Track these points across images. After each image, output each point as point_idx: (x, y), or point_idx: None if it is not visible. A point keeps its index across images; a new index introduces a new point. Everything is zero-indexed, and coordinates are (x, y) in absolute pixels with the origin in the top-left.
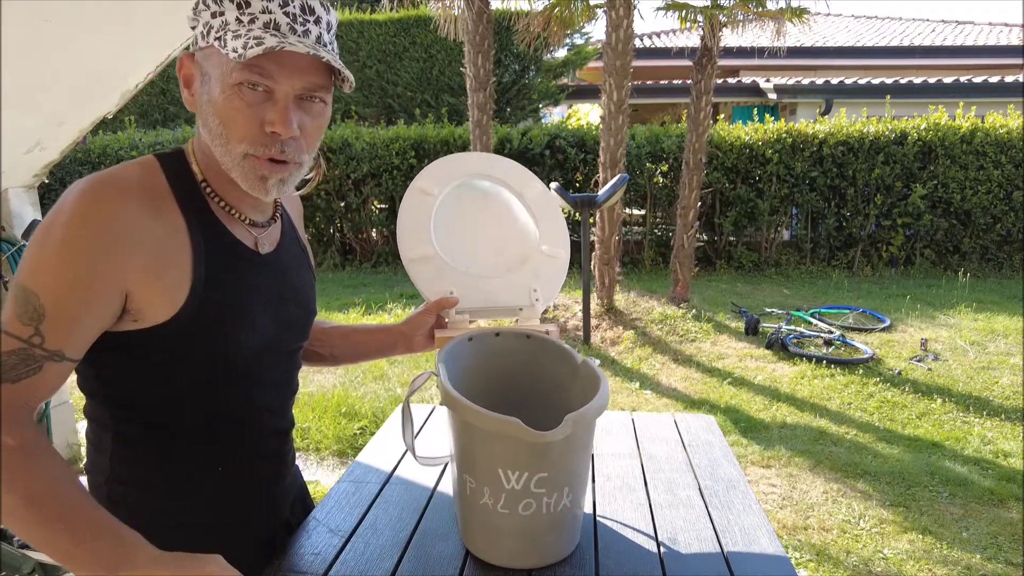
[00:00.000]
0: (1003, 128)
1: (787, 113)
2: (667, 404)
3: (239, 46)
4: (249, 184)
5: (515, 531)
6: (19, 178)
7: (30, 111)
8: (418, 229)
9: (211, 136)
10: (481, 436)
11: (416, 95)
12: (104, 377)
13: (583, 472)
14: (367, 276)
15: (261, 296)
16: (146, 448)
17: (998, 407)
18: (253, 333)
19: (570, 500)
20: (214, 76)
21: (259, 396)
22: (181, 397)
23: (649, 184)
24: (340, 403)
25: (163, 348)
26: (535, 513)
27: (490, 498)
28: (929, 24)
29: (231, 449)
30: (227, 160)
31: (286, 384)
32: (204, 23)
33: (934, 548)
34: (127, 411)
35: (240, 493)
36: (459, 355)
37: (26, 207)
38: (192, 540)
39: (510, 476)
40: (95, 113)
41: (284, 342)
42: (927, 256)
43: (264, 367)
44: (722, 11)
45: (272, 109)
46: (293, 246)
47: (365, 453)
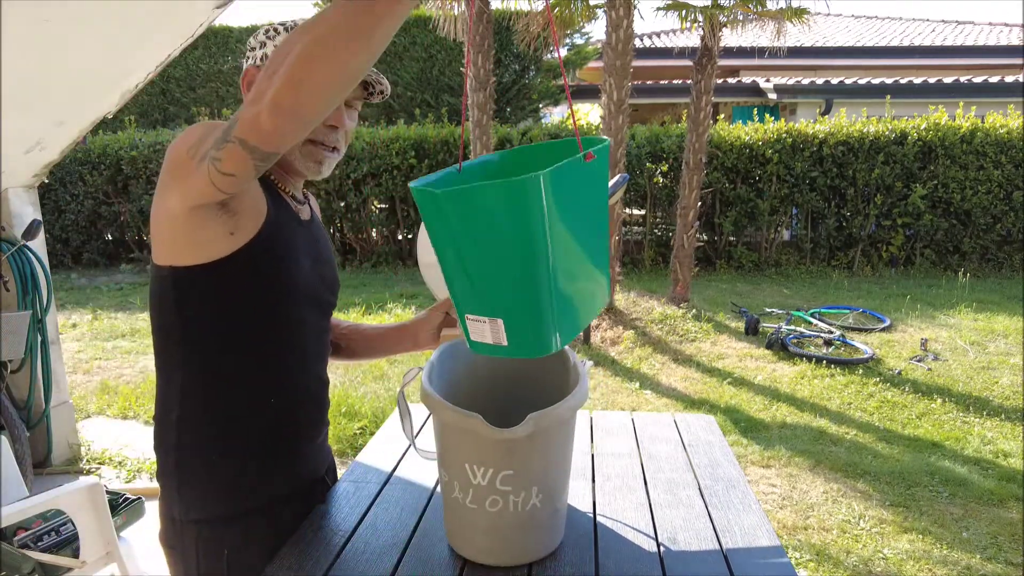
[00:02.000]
0: (1003, 128)
1: (787, 113)
2: (667, 404)
3: None
4: (307, 166)
5: (483, 527)
6: (19, 178)
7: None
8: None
9: None
10: (449, 431)
11: (416, 95)
12: (186, 313)
13: (556, 473)
14: (367, 276)
15: (305, 248)
16: (210, 379)
17: (998, 407)
18: (300, 275)
19: (540, 500)
20: None
21: (302, 337)
22: (246, 333)
23: (649, 184)
24: (340, 403)
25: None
26: (502, 511)
27: (460, 492)
28: (929, 24)
29: (282, 383)
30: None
31: (323, 333)
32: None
33: (934, 548)
34: (201, 345)
35: (288, 430)
36: (461, 354)
37: (26, 207)
38: (250, 473)
39: (476, 472)
40: (95, 113)
41: (323, 295)
42: (927, 256)
43: (306, 311)
44: (722, 11)
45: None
46: (318, 224)
47: (365, 453)
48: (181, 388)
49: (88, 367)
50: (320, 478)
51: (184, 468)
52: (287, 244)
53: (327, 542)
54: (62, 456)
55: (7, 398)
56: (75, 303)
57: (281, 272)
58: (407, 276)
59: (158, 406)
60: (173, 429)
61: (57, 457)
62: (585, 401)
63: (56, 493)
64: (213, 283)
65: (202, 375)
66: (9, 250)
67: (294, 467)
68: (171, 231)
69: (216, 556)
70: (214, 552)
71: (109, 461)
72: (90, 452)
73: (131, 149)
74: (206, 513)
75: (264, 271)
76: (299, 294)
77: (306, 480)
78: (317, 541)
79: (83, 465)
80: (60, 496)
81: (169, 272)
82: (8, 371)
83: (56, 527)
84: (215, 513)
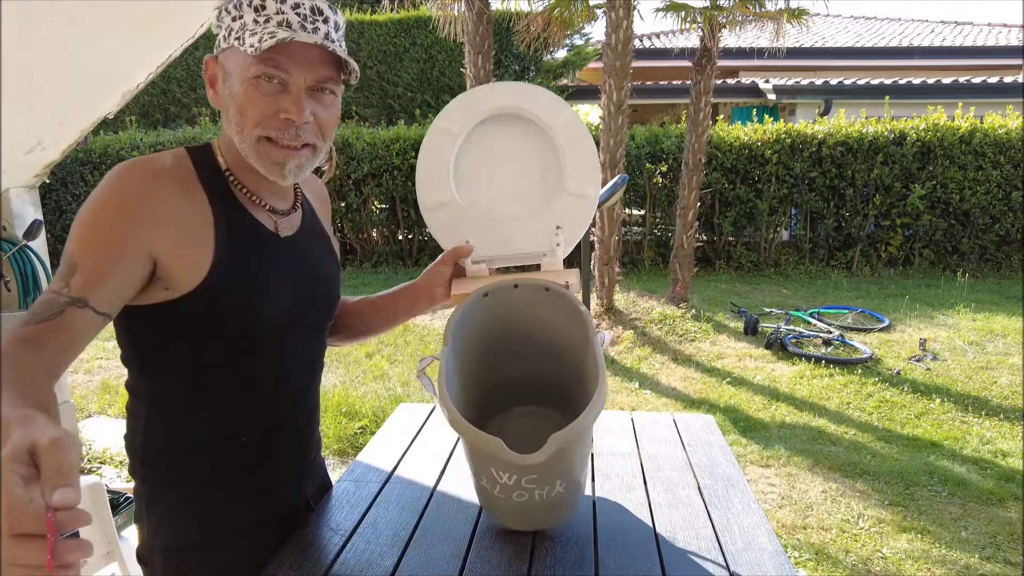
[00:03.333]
0: (1002, 128)
1: (786, 113)
2: (666, 404)
3: (255, 41)
4: (267, 168)
5: (511, 509)
6: (20, 178)
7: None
8: (437, 174)
9: (231, 126)
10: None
11: (416, 95)
12: (140, 347)
13: (578, 465)
14: (368, 276)
15: (282, 273)
16: (175, 413)
17: (997, 407)
18: (275, 307)
19: (563, 487)
20: (234, 73)
21: (285, 369)
22: (209, 366)
23: (649, 184)
24: (340, 402)
25: (191, 318)
26: (528, 500)
27: (487, 484)
28: (928, 25)
29: (257, 419)
30: (244, 146)
31: (312, 361)
32: (226, 27)
33: (933, 548)
34: (160, 379)
35: (265, 464)
36: (474, 316)
37: (27, 207)
38: (217, 506)
39: (501, 475)
40: (96, 113)
41: (309, 319)
42: (926, 256)
43: (289, 342)
44: (721, 12)
45: (286, 99)
46: (314, 232)
47: (365, 452)
48: (145, 419)
49: (89, 367)
50: (305, 501)
51: (150, 496)
52: (250, 279)
53: (327, 542)
54: None
55: None
56: None
57: (243, 308)
58: (408, 276)
59: (126, 430)
60: (137, 458)
61: None
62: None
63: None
64: (164, 320)
65: (164, 409)
66: (10, 250)
67: (272, 494)
68: None
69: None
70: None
71: (110, 461)
72: (91, 452)
73: (132, 149)
74: (175, 540)
75: (220, 310)
76: (273, 329)
77: (288, 505)
78: (317, 541)
79: (84, 465)
80: None
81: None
82: None
83: None
84: (183, 541)
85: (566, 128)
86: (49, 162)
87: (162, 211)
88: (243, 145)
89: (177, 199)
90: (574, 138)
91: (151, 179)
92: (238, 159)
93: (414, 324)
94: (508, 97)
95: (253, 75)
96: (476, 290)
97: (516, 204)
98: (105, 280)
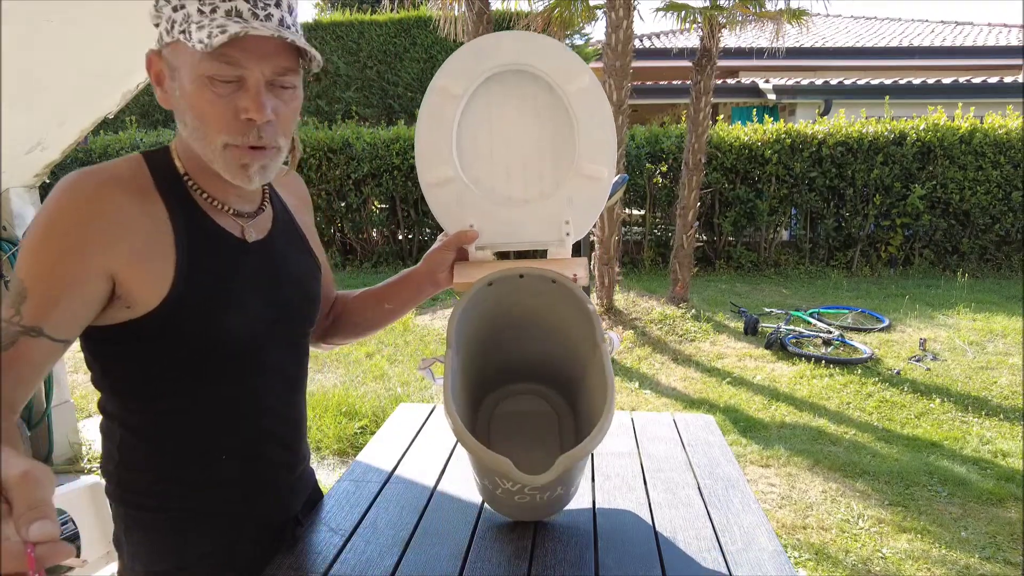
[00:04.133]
0: (1002, 129)
1: (786, 114)
2: (666, 404)
3: (204, 36)
4: (232, 174)
5: (512, 506)
6: (20, 178)
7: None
8: (438, 144)
9: (189, 131)
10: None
11: (417, 95)
12: (108, 369)
13: (577, 473)
14: (368, 276)
15: (250, 283)
16: (150, 435)
17: (997, 407)
18: (245, 318)
19: (563, 490)
20: (184, 70)
21: (261, 384)
22: (180, 385)
23: (649, 184)
24: (340, 402)
25: (157, 336)
26: (529, 501)
27: (489, 485)
28: (928, 25)
29: (234, 437)
30: (208, 153)
31: (291, 372)
32: (167, 18)
33: (932, 548)
34: (131, 400)
35: (247, 482)
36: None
37: (27, 207)
38: (198, 528)
39: (503, 483)
40: (96, 113)
41: (283, 329)
42: (926, 256)
43: (265, 354)
44: (721, 12)
45: (245, 96)
46: (288, 232)
47: (365, 452)
48: (120, 441)
49: None
50: (294, 516)
51: (128, 520)
52: (215, 288)
53: (328, 541)
54: (63, 455)
55: None
56: None
57: (210, 322)
58: None
59: (101, 452)
60: (113, 481)
61: (58, 456)
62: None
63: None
64: (129, 341)
65: (138, 431)
66: (10, 250)
67: (256, 513)
68: None
69: None
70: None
71: None
72: (91, 451)
73: (132, 149)
74: (156, 566)
75: (185, 326)
76: (241, 338)
77: (274, 522)
78: (318, 540)
79: (84, 464)
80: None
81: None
82: None
83: None
84: (165, 566)
85: (584, 96)
86: (49, 162)
87: (116, 225)
88: (207, 152)
89: (133, 210)
90: (591, 108)
91: (103, 190)
92: (197, 163)
93: (414, 324)
94: (519, 51)
95: (205, 73)
96: (480, 279)
97: (524, 185)
98: (59, 303)
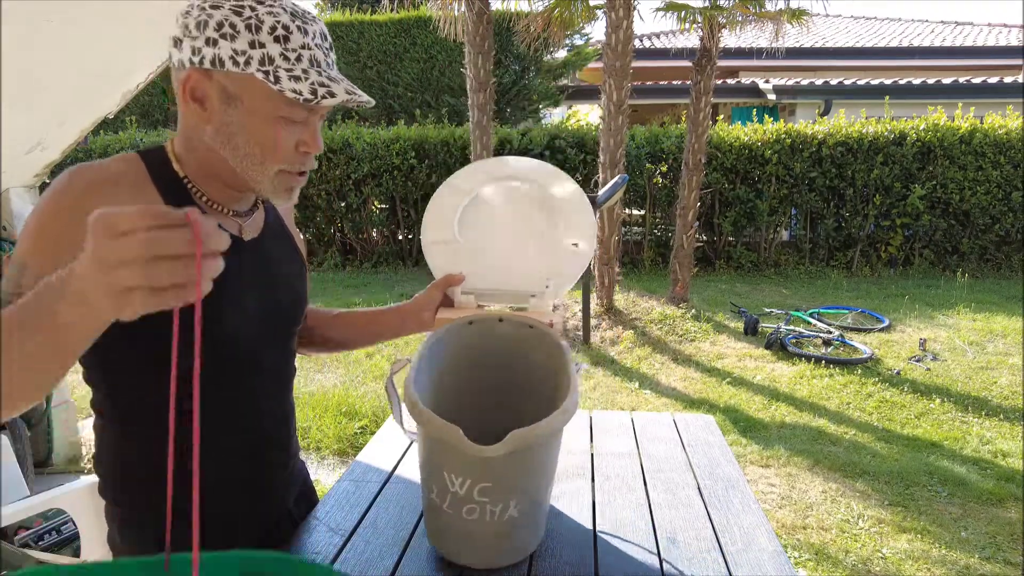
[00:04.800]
0: (1002, 129)
1: (786, 114)
2: (666, 404)
3: (304, 89)
4: (276, 194)
5: (459, 530)
6: (20, 178)
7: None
8: (442, 217)
9: (238, 155)
10: (429, 437)
11: (416, 96)
12: (105, 367)
13: (536, 486)
14: (368, 276)
15: (247, 280)
16: (146, 433)
17: (997, 407)
18: (242, 317)
19: (518, 511)
20: (253, 103)
21: (255, 382)
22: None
23: (649, 184)
24: (340, 402)
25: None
26: (478, 519)
27: (438, 496)
28: (928, 25)
29: (228, 435)
30: (257, 175)
31: (281, 369)
32: (237, 51)
33: (932, 548)
34: (126, 398)
35: (241, 480)
36: (453, 339)
37: (27, 207)
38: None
39: (454, 480)
40: (96, 113)
41: (275, 327)
42: (926, 256)
43: (257, 351)
44: (721, 12)
45: (305, 132)
46: (277, 233)
47: (365, 452)
48: (113, 440)
49: None
50: (287, 511)
51: (122, 519)
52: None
53: (327, 541)
54: (63, 455)
55: None
56: None
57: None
58: (408, 276)
59: (95, 450)
60: (108, 480)
61: (58, 456)
62: (572, 416)
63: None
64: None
65: (132, 429)
66: (10, 250)
67: (251, 508)
68: None
69: None
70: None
71: None
72: (91, 451)
73: (132, 149)
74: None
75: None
76: (236, 335)
77: (269, 517)
78: (317, 540)
79: (84, 464)
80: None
81: None
82: None
83: (57, 526)
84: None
85: (570, 197)
86: (49, 162)
87: None
88: (257, 175)
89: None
90: (576, 205)
91: (100, 182)
92: (200, 168)
93: None
94: (518, 170)
95: (281, 114)
96: (461, 318)
97: (513, 247)
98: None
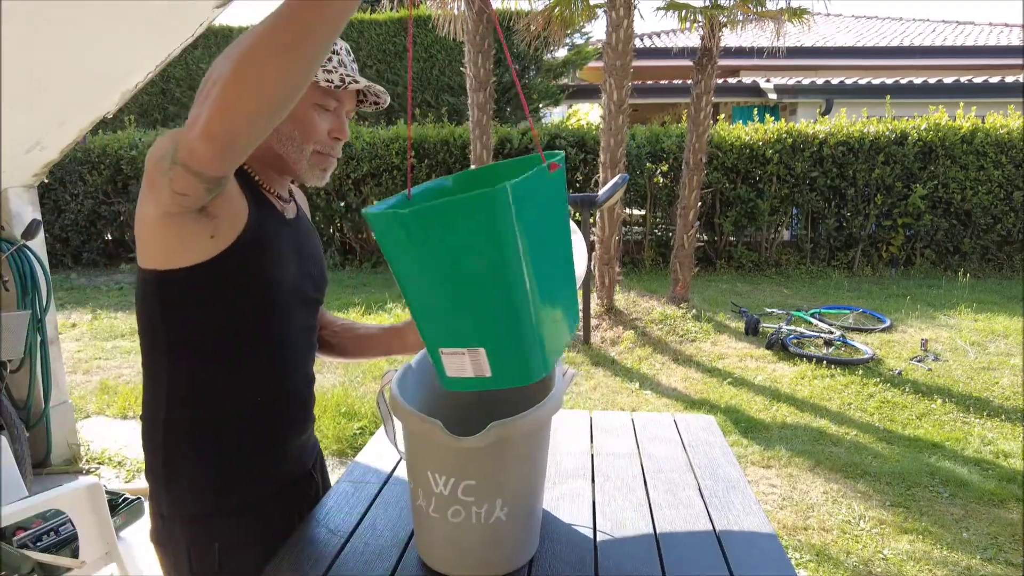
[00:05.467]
0: (1003, 128)
1: (787, 113)
2: (667, 404)
3: (335, 79)
4: (313, 174)
5: (446, 536)
6: (19, 177)
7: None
8: None
9: (281, 138)
10: (411, 436)
11: (416, 95)
12: (168, 314)
13: (523, 485)
14: (367, 276)
15: (289, 247)
16: (197, 381)
17: (998, 407)
18: (286, 275)
19: (505, 513)
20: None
21: (289, 336)
22: (229, 332)
23: (649, 184)
24: (340, 403)
25: (221, 280)
26: (464, 522)
27: (423, 500)
28: (929, 24)
29: (269, 383)
30: (295, 154)
31: (311, 331)
32: None
33: (934, 549)
34: (183, 347)
35: (274, 429)
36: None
37: (26, 207)
38: (233, 471)
39: (438, 480)
40: (95, 112)
41: (307, 290)
42: (927, 256)
43: (292, 309)
44: (722, 11)
45: (335, 120)
46: (304, 219)
47: (364, 453)
48: (168, 390)
49: (87, 367)
50: (307, 472)
51: (171, 466)
52: (271, 245)
53: (327, 542)
54: (61, 456)
55: (6, 398)
56: (75, 303)
57: (265, 273)
58: None
59: (145, 406)
60: (160, 429)
61: (56, 457)
62: (556, 411)
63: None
64: (197, 286)
65: (188, 377)
66: (8, 250)
67: (281, 464)
68: (151, 235)
69: (206, 551)
70: (204, 547)
71: (108, 461)
72: (89, 452)
73: (131, 149)
74: (194, 508)
75: (248, 273)
76: (285, 294)
77: (294, 475)
78: (317, 541)
79: (82, 465)
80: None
81: (153, 275)
82: (7, 371)
83: (55, 527)
84: (203, 509)
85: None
86: (48, 161)
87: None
88: (296, 155)
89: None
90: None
91: None
92: (258, 156)
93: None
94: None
95: (318, 102)
96: None
97: None
98: None
